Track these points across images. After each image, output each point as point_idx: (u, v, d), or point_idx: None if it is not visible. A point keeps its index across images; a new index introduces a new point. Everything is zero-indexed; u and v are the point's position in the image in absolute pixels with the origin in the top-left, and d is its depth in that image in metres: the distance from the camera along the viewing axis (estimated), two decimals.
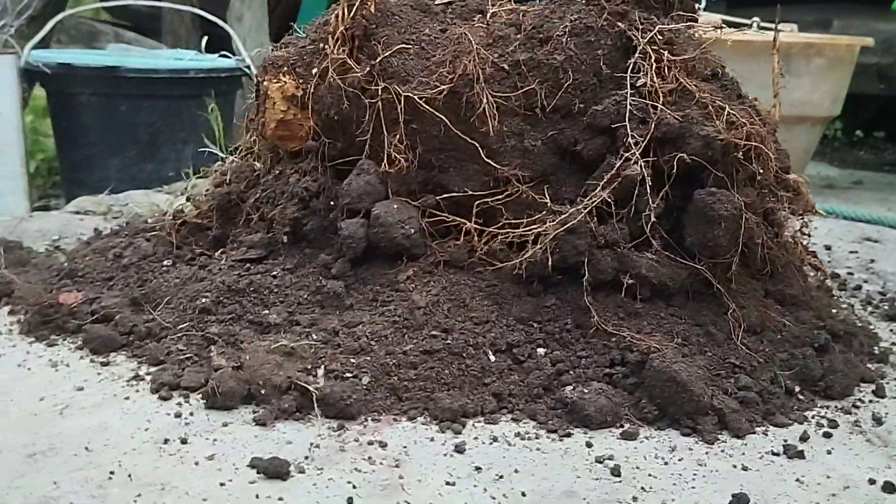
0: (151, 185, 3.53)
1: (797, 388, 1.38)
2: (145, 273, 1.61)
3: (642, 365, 1.31)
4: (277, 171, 1.60)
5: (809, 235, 1.69)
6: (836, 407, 1.37)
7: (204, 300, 1.41)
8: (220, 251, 1.61)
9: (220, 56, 4.03)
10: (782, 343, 1.45)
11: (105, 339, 1.39)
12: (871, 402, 1.40)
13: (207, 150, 3.67)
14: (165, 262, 1.65)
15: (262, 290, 1.44)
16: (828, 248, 2.42)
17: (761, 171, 1.41)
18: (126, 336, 1.41)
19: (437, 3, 1.65)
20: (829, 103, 3.24)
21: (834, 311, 1.68)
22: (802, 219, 1.68)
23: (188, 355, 1.34)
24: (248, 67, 3.91)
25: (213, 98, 3.57)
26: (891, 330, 1.76)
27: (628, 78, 1.40)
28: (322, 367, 1.28)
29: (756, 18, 3.23)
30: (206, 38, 4.07)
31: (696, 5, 1.57)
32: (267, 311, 1.40)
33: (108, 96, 3.42)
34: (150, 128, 3.52)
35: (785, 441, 1.24)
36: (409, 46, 1.50)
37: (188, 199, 1.83)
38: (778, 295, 1.55)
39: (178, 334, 1.39)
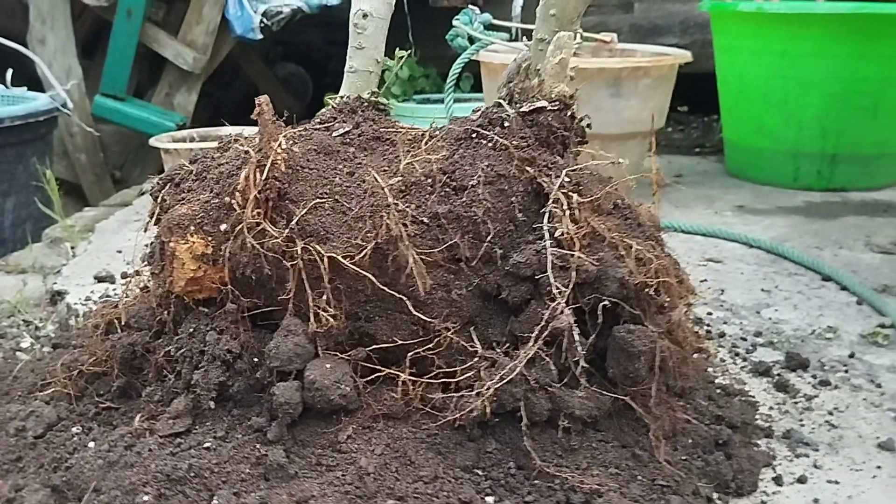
0: None
1: (715, 495, 1.52)
2: (57, 449, 1.53)
3: None
4: (192, 329, 1.55)
5: (698, 322, 1.84)
6: None
7: (145, 497, 1.37)
8: (139, 417, 1.55)
9: (32, 91, 3.74)
10: (694, 447, 1.58)
11: None
12: (774, 493, 1.56)
13: (31, 204, 3.43)
14: (74, 430, 1.57)
15: (202, 472, 1.41)
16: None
17: (668, 300, 1.52)
18: None
19: (333, 135, 1.64)
20: (656, 118, 3.44)
21: (717, 380, 1.85)
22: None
23: None
24: (65, 105, 3.66)
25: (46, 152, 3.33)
26: (764, 390, 1.95)
27: (546, 226, 1.46)
28: None
29: (614, 34, 3.35)
30: (10, 71, 3.76)
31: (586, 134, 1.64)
32: (215, 500, 1.37)
33: None
34: None
35: None
36: (324, 200, 1.49)
37: (81, 347, 1.73)
38: (677, 389, 1.69)
39: None
